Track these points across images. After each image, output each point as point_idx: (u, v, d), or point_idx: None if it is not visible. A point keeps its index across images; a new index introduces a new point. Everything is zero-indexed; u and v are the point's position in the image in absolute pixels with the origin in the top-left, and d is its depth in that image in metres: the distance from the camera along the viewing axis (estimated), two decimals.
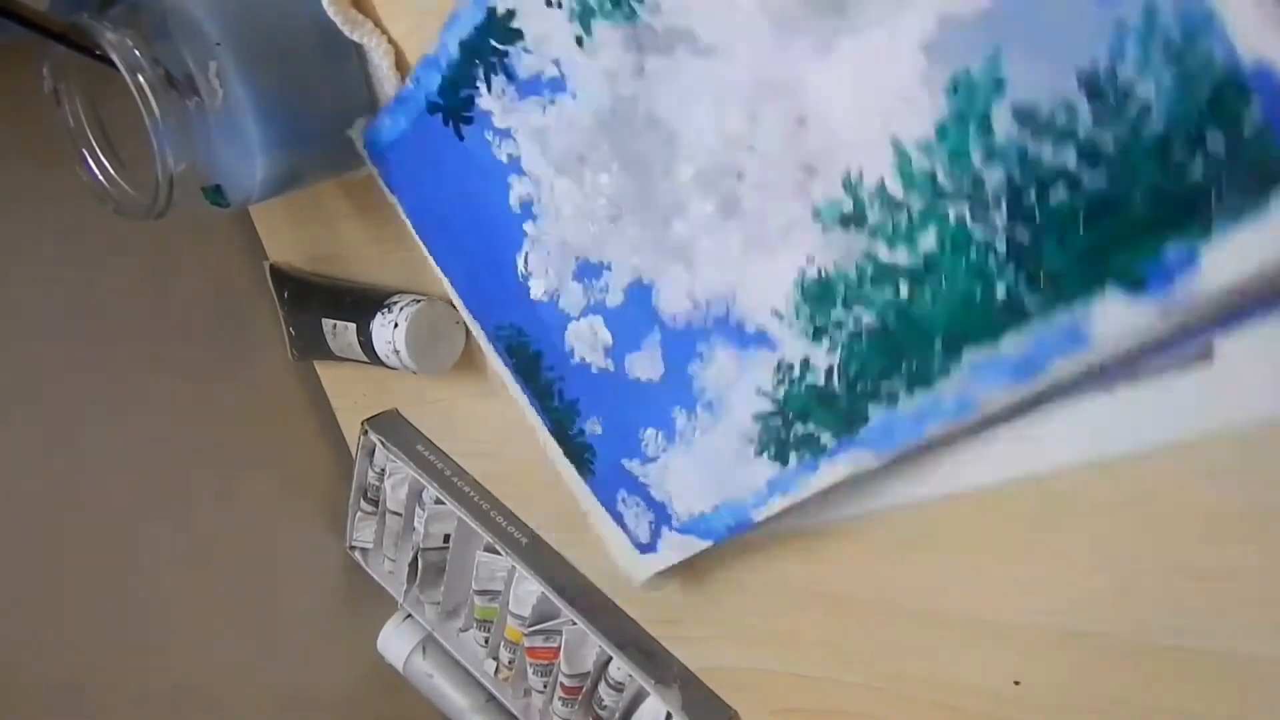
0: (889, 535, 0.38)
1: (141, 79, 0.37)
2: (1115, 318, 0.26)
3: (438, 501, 0.58)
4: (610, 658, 0.52)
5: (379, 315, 0.51)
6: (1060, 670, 0.35)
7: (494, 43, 0.37)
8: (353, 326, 0.54)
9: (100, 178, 0.43)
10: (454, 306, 0.51)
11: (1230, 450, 0.28)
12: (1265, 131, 0.22)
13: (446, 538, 0.60)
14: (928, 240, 0.29)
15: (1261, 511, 0.29)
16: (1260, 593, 0.30)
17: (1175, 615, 0.32)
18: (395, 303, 0.51)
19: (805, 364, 0.33)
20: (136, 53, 0.37)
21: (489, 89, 0.38)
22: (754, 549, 0.44)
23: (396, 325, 0.50)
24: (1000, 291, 0.28)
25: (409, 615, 0.68)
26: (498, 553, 0.56)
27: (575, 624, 0.53)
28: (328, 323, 0.56)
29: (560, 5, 0.34)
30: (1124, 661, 0.33)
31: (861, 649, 0.42)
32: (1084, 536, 0.33)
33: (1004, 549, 0.35)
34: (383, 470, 0.62)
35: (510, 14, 0.36)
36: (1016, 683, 0.37)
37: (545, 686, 0.57)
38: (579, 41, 0.34)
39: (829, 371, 0.33)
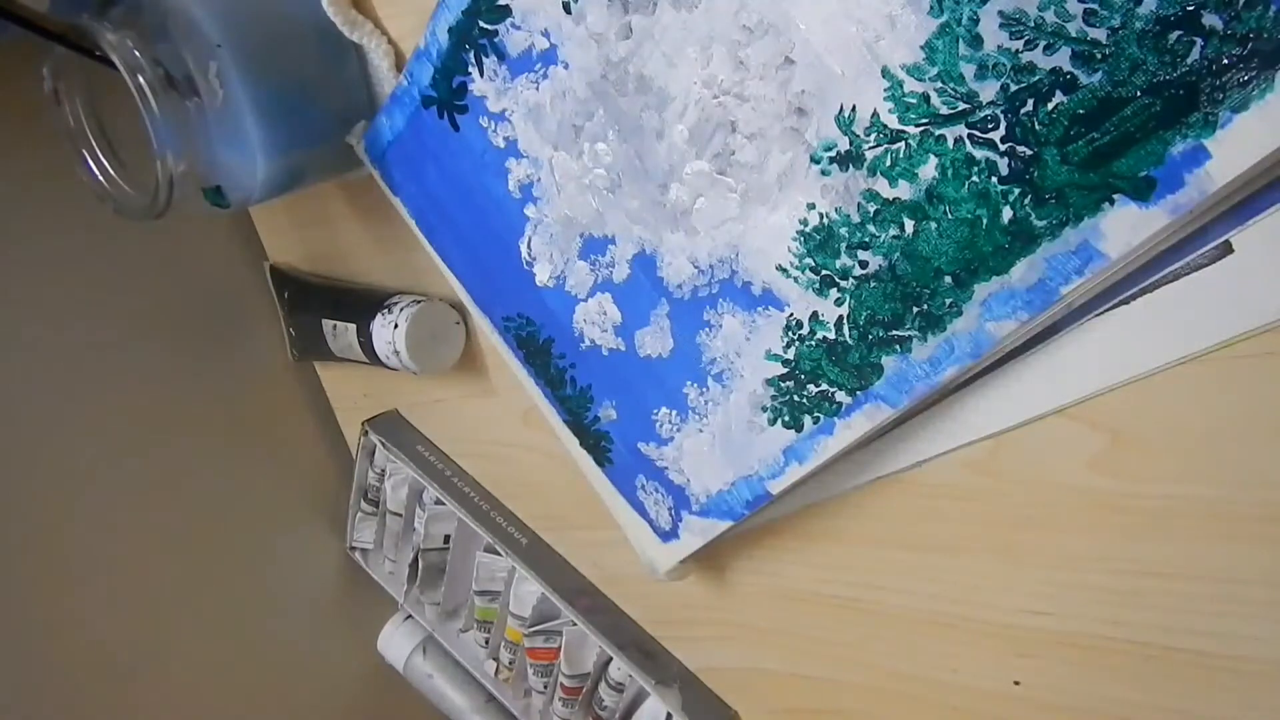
0: (890, 536, 0.38)
1: (141, 80, 0.37)
2: (1127, 227, 0.25)
3: (438, 502, 0.58)
4: (610, 658, 0.52)
5: (379, 316, 0.51)
6: (1060, 671, 0.35)
7: (482, 24, 0.37)
8: (353, 327, 0.54)
9: (100, 178, 0.43)
10: (454, 307, 0.51)
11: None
12: (1262, 4, 0.22)
13: (447, 538, 0.60)
14: (928, 170, 0.28)
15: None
16: (1260, 594, 0.30)
17: (1175, 616, 0.32)
18: (395, 303, 0.51)
19: (815, 318, 0.33)
20: (136, 53, 0.37)
21: (481, 72, 0.39)
22: (754, 548, 0.44)
23: (396, 326, 0.50)
24: (1006, 215, 0.27)
25: (409, 616, 0.68)
26: (498, 553, 0.56)
27: (575, 624, 0.53)
28: (328, 323, 0.56)
29: None
30: (1124, 662, 0.33)
31: (861, 649, 0.42)
32: (1084, 536, 0.33)
33: (1004, 549, 0.35)
34: (383, 471, 0.62)
35: None
36: (1016, 683, 0.37)
37: (545, 687, 0.57)
38: (566, 8, 0.35)
39: (839, 323, 0.32)
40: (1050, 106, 0.26)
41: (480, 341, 0.52)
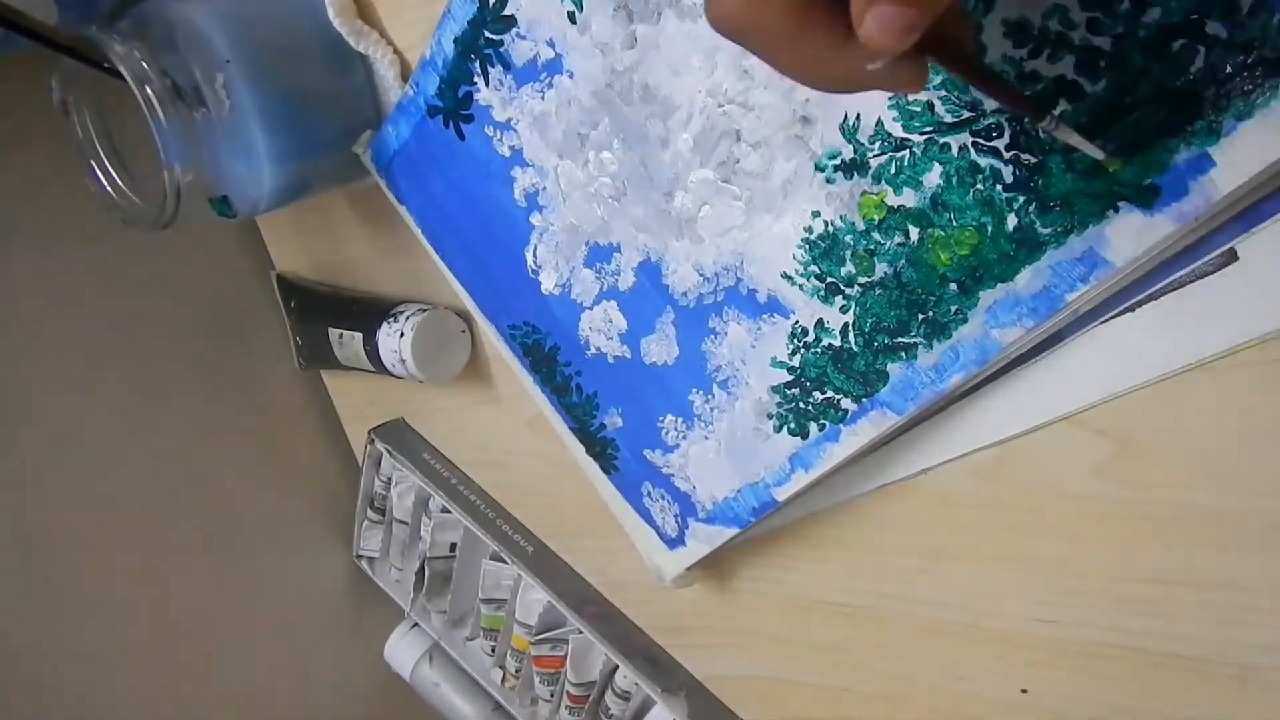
0: (896, 544, 0.38)
1: (149, 91, 0.38)
2: (1132, 234, 0.25)
3: (444, 510, 0.58)
4: (617, 666, 0.52)
5: (385, 324, 0.51)
6: (1067, 678, 0.35)
7: (488, 34, 0.37)
8: (359, 336, 0.54)
9: (108, 188, 0.44)
10: (460, 315, 0.51)
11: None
12: (1266, 13, 0.22)
13: (453, 546, 0.60)
14: (932, 178, 0.28)
15: None
16: (1267, 603, 0.30)
17: (1182, 624, 0.31)
18: (401, 312, 0.51)
19: (820, 325, 0.33)
20: (144, 65, 0.38)
21: (486, 82, 0.39)
22: (760, 556, 0.44)
23: (402, 334, 0.50)
24: (1011, 223, 0.27)
25: (416, 624, 0.68)
26: (504, 561, 0.56)
27: (582, 632, 0.53)
28: (334, 332, 0.56)
29: None
30: (1131, 670, 0.33)
31: (870, 657, 0.41)
32: (1091, 544, 0.33)
33: (1010, 557, 0.35)
34: (389, 479, 0.62)
35: (502, 2, 0.36)
36: (1024, 691, 0.37)
37: (552, 695, 0.57)
38: (571, 18, 0.35)
39: (844, 330, 0.32)
40: (1055, 114, 0.26)
41: (486, 349, 0.52)
